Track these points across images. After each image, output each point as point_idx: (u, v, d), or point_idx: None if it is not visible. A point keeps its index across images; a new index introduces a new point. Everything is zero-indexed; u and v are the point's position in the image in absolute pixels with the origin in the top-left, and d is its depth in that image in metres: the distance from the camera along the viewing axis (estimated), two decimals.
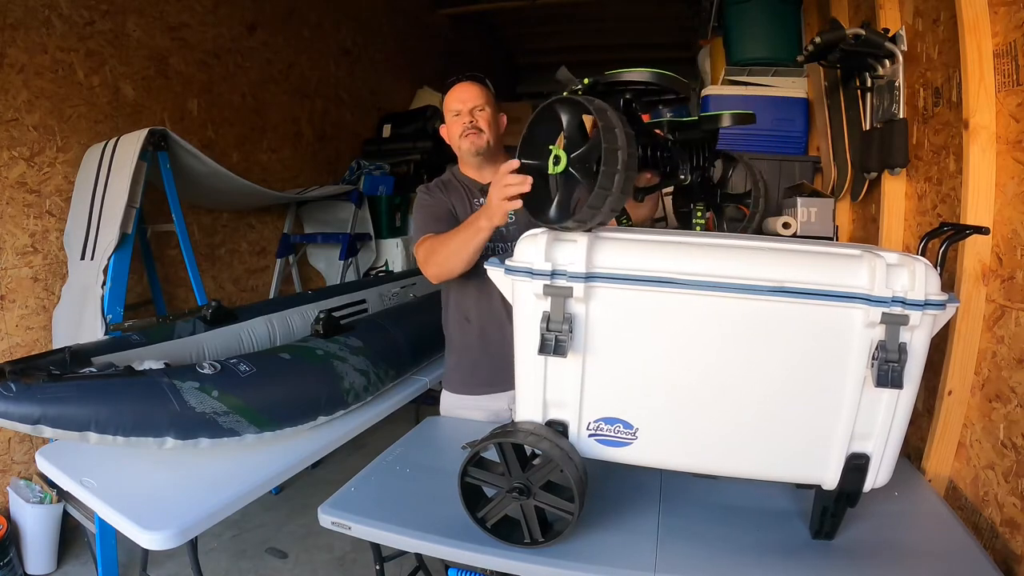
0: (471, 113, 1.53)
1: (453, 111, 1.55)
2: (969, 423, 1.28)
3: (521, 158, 1.03)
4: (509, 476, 1.00)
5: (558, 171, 0.94)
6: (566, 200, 0.99)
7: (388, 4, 4.86)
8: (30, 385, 1.27)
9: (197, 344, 1.85)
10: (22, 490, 2.17)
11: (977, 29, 1.22)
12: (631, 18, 5.68)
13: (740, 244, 0.95)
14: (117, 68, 2.62)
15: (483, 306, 1.55)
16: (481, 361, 1.59)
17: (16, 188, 2.25)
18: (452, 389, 1.66)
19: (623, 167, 0.88)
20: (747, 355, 0.92)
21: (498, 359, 1.56)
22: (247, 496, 1.40)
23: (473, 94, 1.54)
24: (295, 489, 2.68)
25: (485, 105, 1.54)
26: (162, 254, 2.86)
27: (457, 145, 1.57)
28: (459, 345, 1.64)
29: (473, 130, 1.53)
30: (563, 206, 0.98)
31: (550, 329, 0.93)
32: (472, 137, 1.53)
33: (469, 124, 1.53)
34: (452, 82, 1.58)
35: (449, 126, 1.57)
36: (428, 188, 1.61)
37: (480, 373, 1.60)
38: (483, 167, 1.59)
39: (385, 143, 4.40)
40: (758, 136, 2.39)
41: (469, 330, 1.59)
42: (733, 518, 1.11)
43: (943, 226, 1.15)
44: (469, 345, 1.60)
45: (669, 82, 1.05)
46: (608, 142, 0.87)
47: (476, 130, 1.53)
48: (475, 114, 1.53)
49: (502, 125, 1.60)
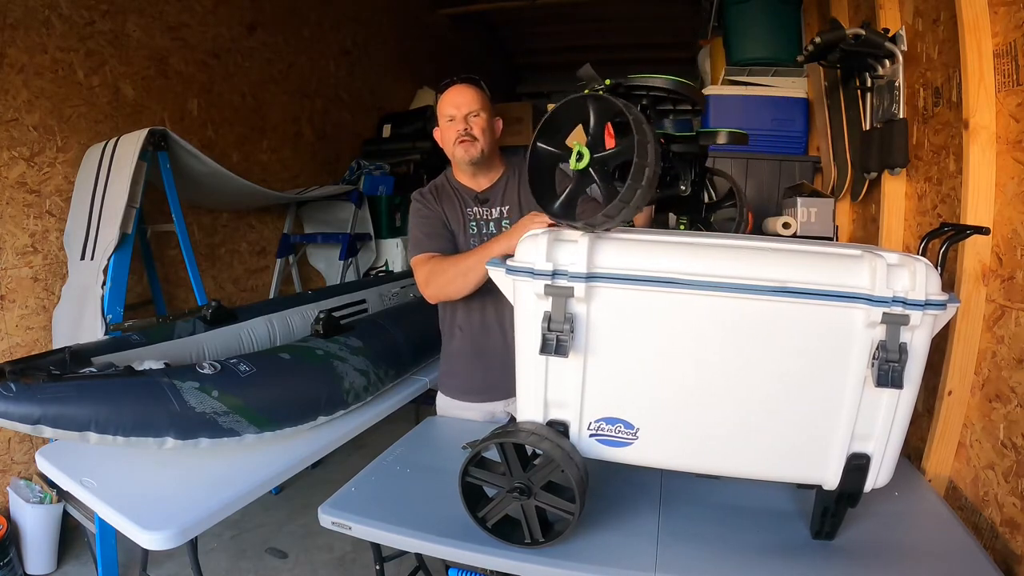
0: (465, 119, 1.49)
1: (447, 116, 1.51)
2: (969, 423, 1.28)
3: (539, 142, 1.01)
4: (510, 476, 1.00)
5: (578, 167, 0.94)
6: (575, 196, 0.99)
7: (388, 4, 4.86)
8: (30, 385, 1.27)
9: (197, 344, 1.84)
10: (22, 490, 2.17)
11: (977, 29, 1.22)
12: (631, 18, 5.68)
13: (741, 244, 0.95)
14: (117, 68, 2.62)
15: (475, 317, 1.55)
16: (474, 371, 1.59)
17: (16, 188, 2.25)
18: (447, 393, 1.66)
19: (647, 183, 0.89)
20: (748, 355, 0.92)
21: (491, 368, 1.56)
22: (247, 496, 1.40)
23: (468, 98, 1.50)
24: (295, 489, 2.68)
25: (480, 110, 1.50)
26: (162, 254, 2.86)
27: (451, 152, 1.53)
28: (453, 353, 1.63)
29: (467, 138, 1.49)
30: (571, 201, 0.98)
31: (551, 329, 0.93)
32: (466, 145, 1.49)
33: (463, 132, 1.49)
34: (446, 84, 1.53)
35: (443, 131, 1.53)
36: (422, 195, 1.57)
37: (474, 382, 1.60)
38: (477, 174, 1.56)
39: (385, 143, 4.40)
40: (758, 136, 2.39)
41: (462, 339, 1.59)
42: (734, 518, 1.11)
43: (944, 226, 1.15)
44: (463, 353, 1.60)
45: (690, 92, 1.04)
46: (640, 156, 0.88)
47: (470, 138, 1.49)
48: (469, 120, 1.49)
49: (497, 130, 1.56)
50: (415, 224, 1.55)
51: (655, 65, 6.60)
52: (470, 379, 1.61)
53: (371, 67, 4.68)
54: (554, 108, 0.98)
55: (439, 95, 1.54)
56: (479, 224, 1.55)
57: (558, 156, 0.99)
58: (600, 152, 0.94)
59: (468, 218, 1.55)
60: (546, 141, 1.00)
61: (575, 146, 0.94)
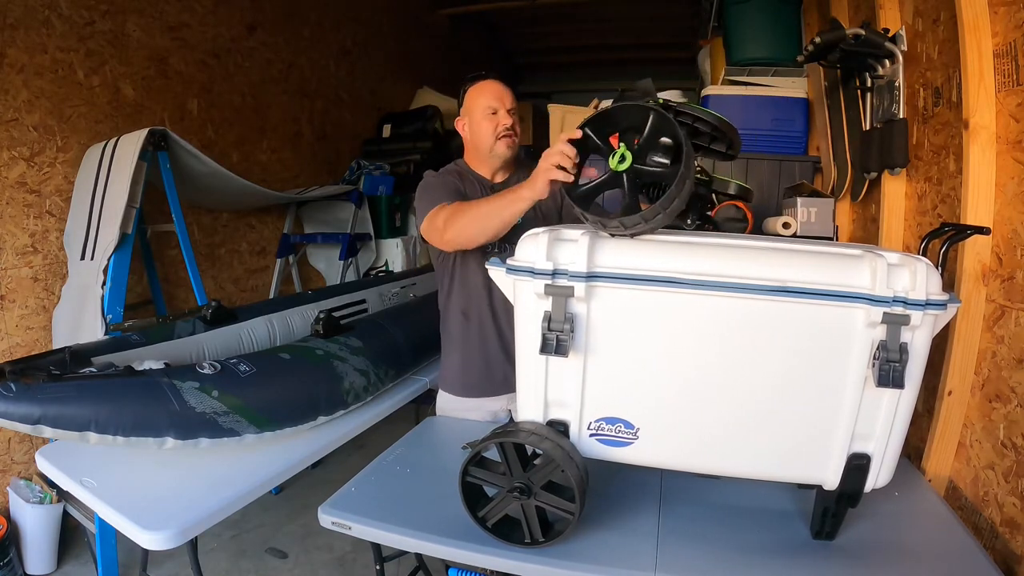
0: (509, 113, 1.51)
1: (489, 108, 1.50)
2: (969, 423, 1.28)
3: (589, 128, 1.03)
4: (510, 476, 1.00)
5: (616, 168, 0.97)
6: (597, 191, 1.02)
7: (388, 4, 4.86)
8: (30, 385, 1.27)
9: (197, 344, 1.84)
10: (22, 490, 2.17)
11: (977, 29, 1.22)
12: (631, 18, 5.69)
13: (741, 244, 0.95)
14: (117, 68, 2.62)
15: (482, 304, 1.54)
16: (479, 360, 1.58)
17: (16, 188, 2.25)
18: (448, 390, 1.65)
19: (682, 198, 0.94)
20: (748, 355, 0.93)
21: (496, 360, 1.56)
22: (247, 496, 1.40)
23: (508, 94, 1.53)
24: (295, 489, 2.68)
25: (514, 108, 1.53)
26: (162, 254, 2.86)
27: (490, 143, 1.51)
28: (454, 342, 1.62)
29: (511, 132, 1.51)
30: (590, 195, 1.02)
31: (551, 329, 0.93)
32: (509, 140, 1.51)
33: (510, 127, 1.51)
34: (480, 76, 1.54)
35: (479, 122, 1.51)
36: (438, 172, 1.57)
37: (479, 373, 1.59)
38: (499, 169, 1.57)
39: (385, 143, 4.39)
40: (758, 136, 2.39)
41: (464, 326, 1.58)
42: (734, 518, 1.11)
43: (944, 226, 1.15)
44: (464, 342, 1.59)
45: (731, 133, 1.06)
46: (687, 167, 0.92)
47: (514, 133, 1.51)
48: (512, 116, 1.52)
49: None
50: (429, 189, 1.49)
51: (655, 65, 6.59)
52: (471, 371, 1.60)
53: (371, 67, 4.68)
54: (616, 105, 1.00)
55: (471, 85, 1.55)
56: None
57: (597, 148, 1.02)
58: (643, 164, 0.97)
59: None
60: (593, 130, 1.02)
61: (621, 148, 0.96)
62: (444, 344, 1.67)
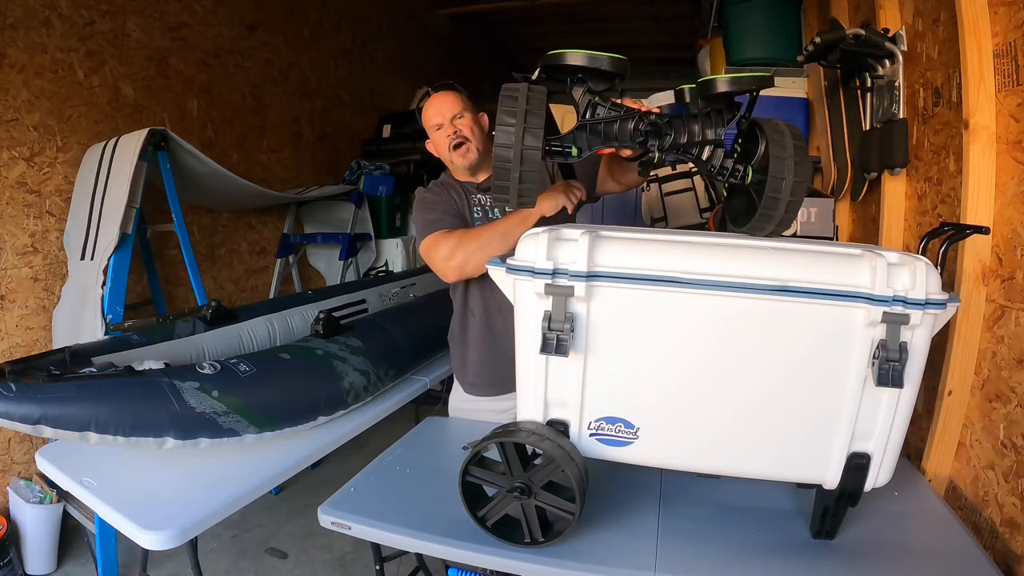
0: (452, 123, 1.53)
1: (434, 125, 1.55)
2: (969, 423, 1.28)
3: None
4: (510, 475, 1.00)
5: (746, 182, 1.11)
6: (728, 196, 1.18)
7: (388, 4, 4.86)
8: (30, 385, 1.26)
9: (197, 344, 1.84)
10: (22, 490, 2.17)
11: (977, 29, 1.22)
12: (631, 18, 5.69)
13: (741, 243, 0.95)
14: (117, 68, 2.62)
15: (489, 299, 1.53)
16: (488, 360, 1.57)
17: (16, 188, 2.25)
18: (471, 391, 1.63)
19: (791, 207, 1.05)
20: (748, 354, 0.92)
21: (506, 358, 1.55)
22: (247, 496, 1.39)
23: (449, 103, 1.54)
24: (295, 489, 2.68)
25: (463, 111, 1.54)
26: (162, 254, 2.86)
27: (448, 159, 1.56)
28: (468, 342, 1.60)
29: (459, 140, 1.52)
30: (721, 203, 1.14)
31: (551, 328, 0.93)
32: (462, 150, 1.53)
33: (454, 135, 1.52)
34: (424, 96, 1.59)
35: (434, 141, 1.57)
36: (427, 188, 1.60)
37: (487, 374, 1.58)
38: (477, 172, 1.59)
39: (385, 143, 4.40)
40: None
41: (476, 325, 1.57)
42: (734, 518, 1.11)
43: (944, 226, 1.15)
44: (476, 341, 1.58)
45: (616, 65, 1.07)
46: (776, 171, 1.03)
47: (462, 139, 1.52)
48: (456, 123, 1.53)
49: (484, 125, 1.59)
50: (424, 210, 1.54)
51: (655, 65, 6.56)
52: (484, 371, 1.58)
53: (371, 67, 4.68)
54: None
55: (420, 113, 1.60)
56: (484, 210, 1.57)
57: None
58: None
59: (473, 204, 1.57)
60: None
61: (751, 169, 1.11)
62: (459, 343, 1.64)
